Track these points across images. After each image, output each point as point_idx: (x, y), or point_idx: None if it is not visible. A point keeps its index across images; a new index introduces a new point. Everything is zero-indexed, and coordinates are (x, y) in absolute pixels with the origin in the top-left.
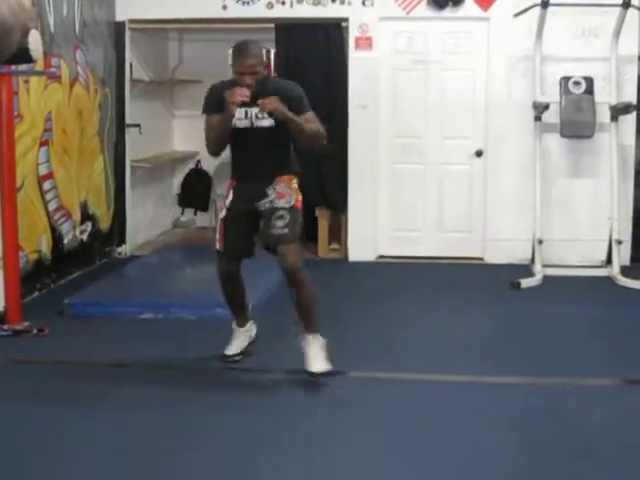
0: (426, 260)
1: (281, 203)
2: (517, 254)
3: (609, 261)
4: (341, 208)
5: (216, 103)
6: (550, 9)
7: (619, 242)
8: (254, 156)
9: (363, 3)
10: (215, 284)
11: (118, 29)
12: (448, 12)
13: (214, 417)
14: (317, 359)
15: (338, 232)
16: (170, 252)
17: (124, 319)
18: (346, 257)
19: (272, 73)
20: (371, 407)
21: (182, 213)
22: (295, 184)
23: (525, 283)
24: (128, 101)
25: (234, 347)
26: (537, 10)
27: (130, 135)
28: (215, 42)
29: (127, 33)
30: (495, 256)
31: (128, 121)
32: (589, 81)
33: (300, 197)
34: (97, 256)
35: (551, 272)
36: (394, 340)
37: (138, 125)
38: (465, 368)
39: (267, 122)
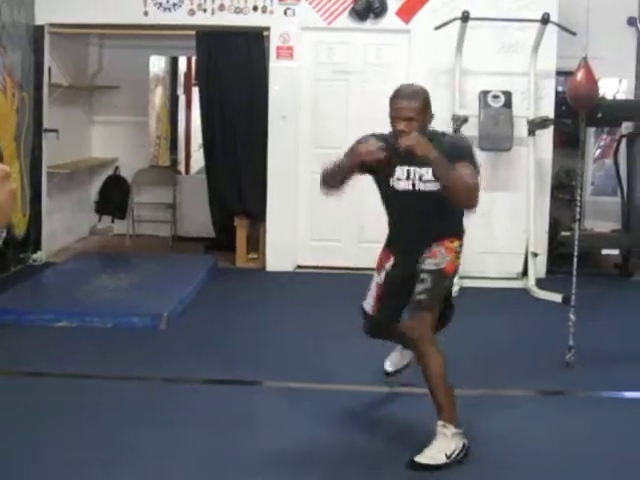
0: (346, 271)
1: (428, 265)
2: None
3: (525, 273)
4: (260, 217)
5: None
6: (470, 23)
7: (535, 255)
8: (413, 222)
9: (285, 13)
10: (132, 292)
11: (37, 33)
12: (369, 23)
13: (126, 430)
14: (427, 448)
15: (256, 241)
16: (87, 259)
17: (38, 327)
18: (264, 267)
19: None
20: (279, 417)
21: (99, 220)
22: (456, 245)
23: None
24: (46, 106)
25: (392, 363)
26: (458, 24)
27: (47, 140)
28: (136, 48)
29: (46, 37)
30: None
31: (46, 126)
32: (508, 95)
33: (457, 262)
34: (12, 263)
35: (468, 283)
36: (307, 351)
37: (56, 130)
38: (377, 379)
39: (430, 186)
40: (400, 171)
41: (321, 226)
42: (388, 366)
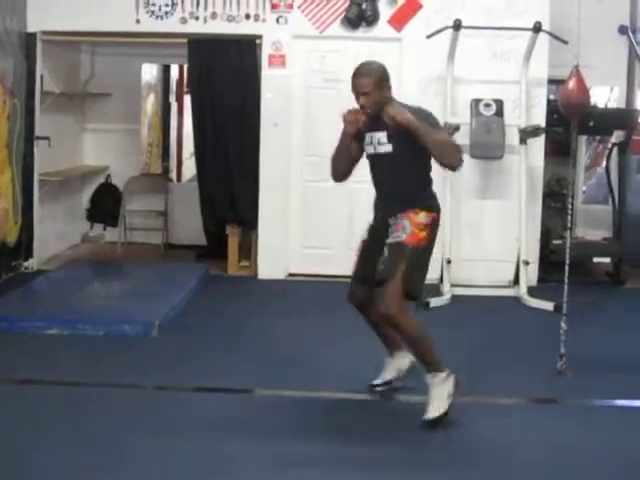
0: (337, 279)
1: (390, 239)
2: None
3: (516, 281)
4: (251, 225)
5: None
6: (462, 31)
7: (526, 263)
8: (382, 184)
9: (277, 21)
10: (124, 300)
11: (29, 40)
12: (361, 32)
13: (118, 437)
14: (430, 404)
15: (248, 249)
16: (78, 267)
17: (30, 335)
18: (256, 274)
19: None
20: (268, 425)
21: (91, 228)
22: (421, 218)
23: (434, 302)
24: (38, 113)
25: (380, 377)
26: (449, 32)
27: (39, 148)
28: (128, 56)
29: (39, 44)
30: None
31: (37, 134)
32: (499, 103)
33: (422, 234)
34: (3, 270)
35: (459, 292)
36: (298, 359)
37: (47, 138)
38: (365, 386)
39: (385, 148)
40: (367, 137)
41: (313, 234)
42: (376, 380)
